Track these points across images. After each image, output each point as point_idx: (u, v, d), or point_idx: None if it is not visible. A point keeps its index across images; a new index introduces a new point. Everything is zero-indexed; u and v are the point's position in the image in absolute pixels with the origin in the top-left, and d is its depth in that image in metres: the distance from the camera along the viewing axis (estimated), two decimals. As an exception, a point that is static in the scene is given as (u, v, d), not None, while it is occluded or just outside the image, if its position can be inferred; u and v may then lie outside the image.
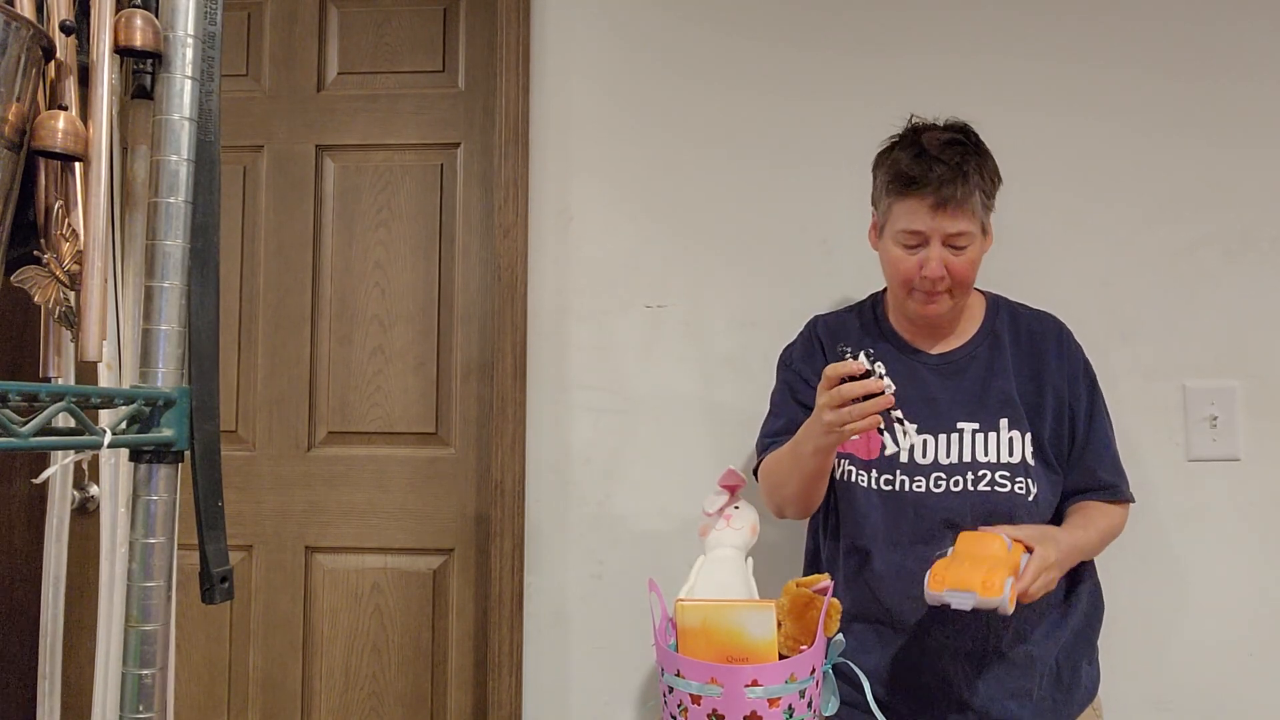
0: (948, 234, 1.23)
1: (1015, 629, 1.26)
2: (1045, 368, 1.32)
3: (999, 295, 1.41)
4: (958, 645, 1.25)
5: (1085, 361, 1.36)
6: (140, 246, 0.77)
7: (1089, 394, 1.33)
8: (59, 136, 0.69)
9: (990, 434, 1.28)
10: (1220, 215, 1.64)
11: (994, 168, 1.29)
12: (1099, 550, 1.33)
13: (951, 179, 1.21)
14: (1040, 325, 1.37)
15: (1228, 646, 1.59)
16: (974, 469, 1.27)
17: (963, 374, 1.32)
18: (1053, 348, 1.34)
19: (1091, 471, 1.32)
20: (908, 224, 1.25)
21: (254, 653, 1.80)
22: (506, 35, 1.74)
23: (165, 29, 0.72)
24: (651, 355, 1.71)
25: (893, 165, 1.27)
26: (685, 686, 1.03)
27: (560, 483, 1.71)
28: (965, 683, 1.25)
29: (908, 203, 1.24)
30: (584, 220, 1.74)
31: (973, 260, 1.26)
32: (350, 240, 1.85)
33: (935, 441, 1.29)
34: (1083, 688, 1.30)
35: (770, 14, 1.73)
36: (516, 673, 1.68)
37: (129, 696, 0.69)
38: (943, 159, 1.22)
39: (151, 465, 0.70)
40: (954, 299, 1.29)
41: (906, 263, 1.26)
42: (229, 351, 1.83)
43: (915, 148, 1.25)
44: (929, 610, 1.25)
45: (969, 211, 1.23)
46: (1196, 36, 1.66)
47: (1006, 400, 1.30)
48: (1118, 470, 1.34)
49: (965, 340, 1.35)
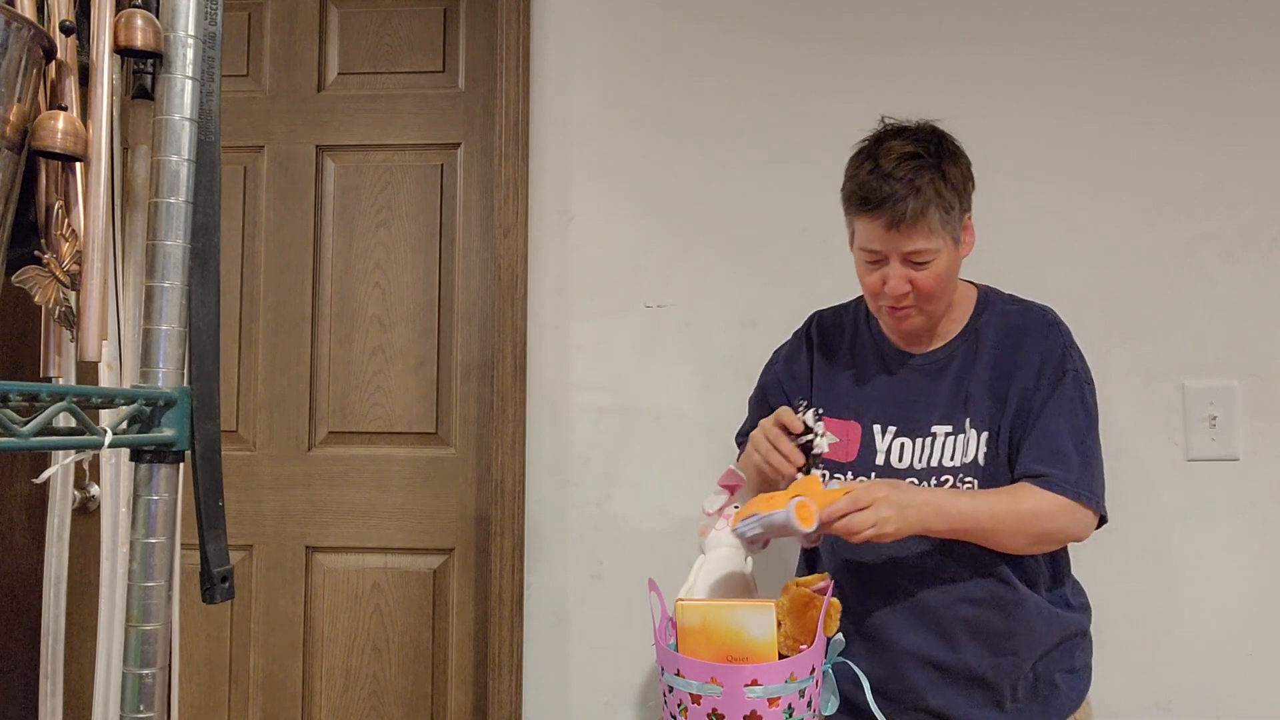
0: (904, 253, 1.20)
1: (984, 639, 1.24)
2: (1016, 361, 1.26)
3: (991, 290, 1.36)
4: (923, 653, 1.25)
5: (1062, 354, 1.26)
6: (140, 246, 0.77)
7: (1052, 384, 1.24)
8: (59, 136, 0.69)
9: (959, 436, 1.26)
10: (1219, 215, 1.64)
11: (960, 175, 1.23)
12: (1011, 532, 1.19)
13: (904, 197, 1.16)
14: (1023, 319, 1.30)
15: (1227, 646, 1.59)
16: (939, 474, 1.25)
17: (943, 375, 1.29)
18: (1028, 340, 1.27)
19: (1025, 460, 1.22)
20: (865, 242, 1.23)
21: (254, 652, 1.80)
22: (506, 35, 1.75)
23: (165, 29, 0.72)
24: (651, 355, 1.71)
25: (850, 180, 1.24)
26: (685, 686, 1.03)
27: (560, 483, 1.71)
28: (931, 689, 1.25)
29: (863, 221, 1.22)
30: (584, 220, 1.74)
31: (939, 274, 1.21)
32: (350, 240, 1.85)
33: (913, 445, 1.27)
34: (1063, 697, 1.28)
35: (770, 13, 1.73)
36: (516, 673, 1.68)
37: (130, 696, 0.69)
38: (896, 176, 1.17)
39: (152, 465, 0.70)
40: (925, 313, 1.25)
41: (870, 278, 1.24)
42: (229, 351, 1.84)
43: (871, 162, 1.21)
44: (898, 617, 1.25)
45: (925, 229, 1.18)
46: (1196, 36, 1.66)
47: (972, 399, 1.26)
48: (1060, 462, 1.21)
49: (947, 340, 1.31)
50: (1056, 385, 1.24)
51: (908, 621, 1.26)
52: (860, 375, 1.35)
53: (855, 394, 1.34)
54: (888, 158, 1.20)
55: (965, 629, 1.24)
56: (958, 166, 1.23)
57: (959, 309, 1.32)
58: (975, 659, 1.24)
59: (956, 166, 1.23)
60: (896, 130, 1.25)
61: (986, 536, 1.19)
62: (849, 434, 1.32)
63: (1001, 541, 1.20)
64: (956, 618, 1.24)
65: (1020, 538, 1.20)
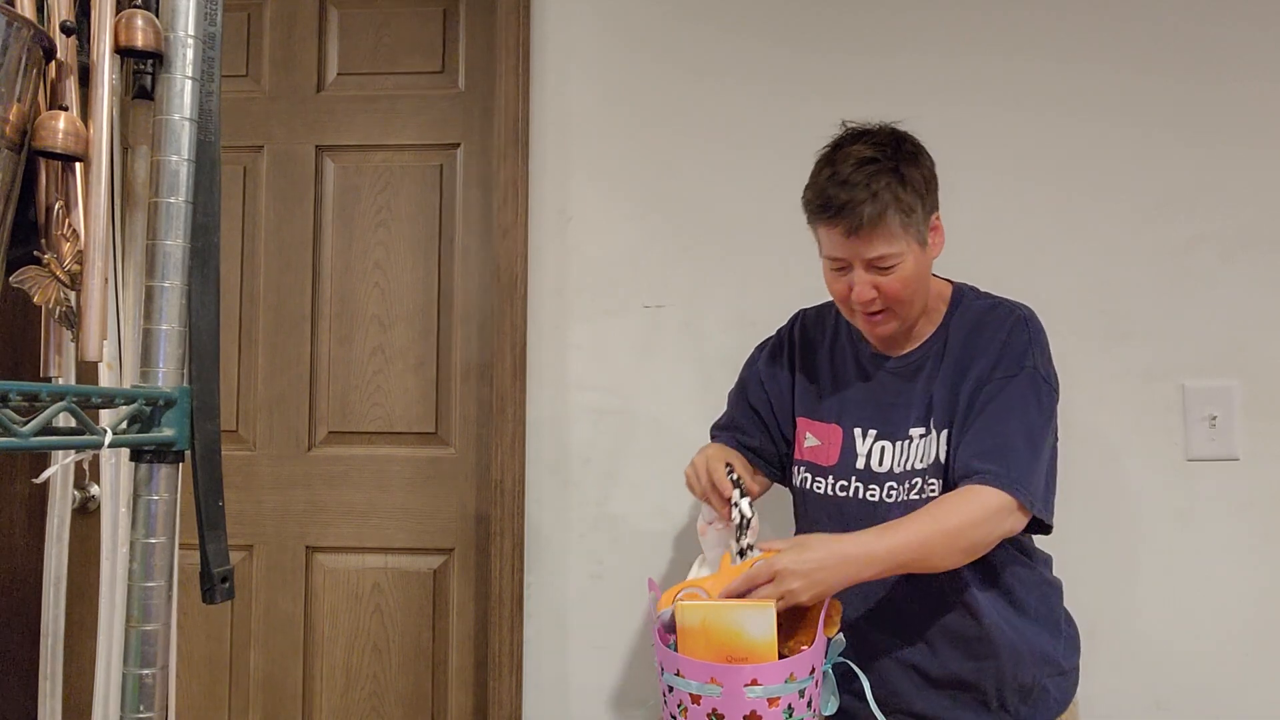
0: (867, 259, 1.18)
1: (963, 646, 1.24)
2: (973, 354, 1.23)
3: (967, 288, 1.33)
4: (905, 658, 1.25)
5: (1023, 350, 1.22)
6: (140, 246, 0.77)
7: (1006, 377, 1.20)
8: (59, 137, 0.69)
9: (929, 437, 1.24)
10: (1218, 214, 1.64)
11: (921, 177, 1.20)
12: (944, 553, 1.13)
13: (861, 203, 1.15)
14: (992, 315, 1.26)
15: (1227, 646, 1.59)
16: (910, 477, 1.24)
17: (916, 378, 1.28)
18: (988, 333, 1.24)
19: (963, 454, 1.18)
20: (829, 250, 1.22)
21: (254, 653, 1.80)
22: (506, 35, 1.75)
23: (166, 29, 0.72)
24: (651, 355, 1.71)
25: (809, 188, 1.22)
26: (685, 686, 1.03)
27: (560, 483, 1.71)
28: (916, 694, 1.25)
29: (824, 229, 1.21)
30: (583, 220, 1.74)
31: (905, 278, 1.19)
32: (350, 240, 1.85)
33: (893, 449, 1.26)
34: (1052, 700, 1.27)
35: (771, 14, 1.73)
36: (516, 673, 1.68)
37: (130, 696, 0.69)
38: (853, 182, 1.16)
39: (152, 465, 0.70)
40: (899, 317, 1.24)
41: (837, 285, 1.23)
42: (229, 351, 1.84)
43: (830, 169, 1.19)
44: (878, 625, 1.25)
45: (885, 234, 1.17)
46: (1196, 36, 1.66)
47: (936, 398, 1.24)
48: (999, 458, 1.15)
49: (921, 343, 1.29)
50: (1010, 379, 1.20)
51: (888, 629, 1.26)
52: (839, 378, 1.34)
53: (835, 397, 1.33)
54: (845, 163, 1.18)
55: (943, 636, 1.24)
56: (918, 168, 1.21)
57: (934, 310, 1.30)
58: (956, 664, 1.24)
59: (916, 168, 1.20)
60: (856, 134, 1.23)
61: (925, 563, 1.14)
62: (830, 438, 1.31)
63: (937, 564, 1.15)
64: (933, 626, 1.24)
65: (954, 555, 1.15)
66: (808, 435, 1.34)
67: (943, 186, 1.31)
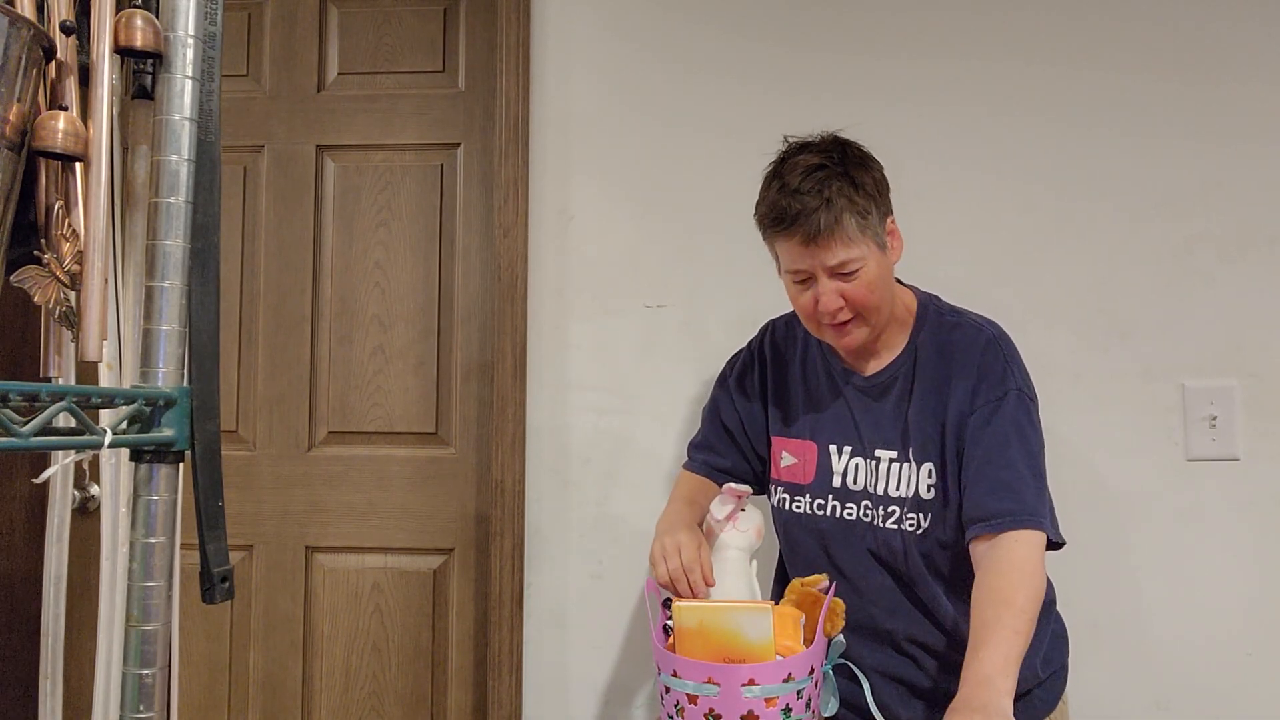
0: (829, 267, 1.17)
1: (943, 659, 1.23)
2: (950, 386, 1.20)
3: (932, 300, 1.30)
4: (887, 670, 1.25)
5: (1002, 373, 1.19)
6: (140, 246, 0.77)
7: (992, 407, 1.17)
8: (59, 136, 0.69)
9: (905, 465, 1.22)
10: (1217, 214, 1.64)
11: (871, 180, 1.19)
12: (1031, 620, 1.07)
13: (816, 209, 1.14)
14: (959, 334, 1.23)
15: (1227, 646, 1.59)
16: (886, 505, 1.23)
17: (885, 398, 1.25)
18: (960, 361, 1.21)
19: (974, 496, 1.15)
20: (789, 263, 1.20)
21: (254, 652, 1.80)
22: (506, 35, 1.75)
23: (165, 29, 0.72)
24: (651, 355, 1.71)
25: (761, 203, 1.21)
26: (682, 686, 1.03)
27: (560, 483, 1.71)
28: (900, 703, 1.25)
29: (781, 242, 1.20)
30: (584, 220, 1.74)
31: (870, 283, 1.18)
32: (350, 240, 1.85)
33: (865, 466, 1.25)
34: (1038, 700, 1.27)
35: (771, 14, 1.73)
36: (516, 673, 1.68)
37: (130, 696, 0.69)
38: (804, 190, 1.15)
39: (152, 465, 0.70)
40: (868, 324, 1.21)
41: (802, 299, 1.22)
42: (229, 351, 1.84)
43: (779, 181, 1.19)
44: (861, 639, 1.24)
45: (843, 238, 1.15)
46: (1195, 37, 1.66)
47: (913, 427, 1.22)
48: (1008, 494, 1.13)
49: (892, 359, 1.27)
50: (997, 408, 1.17)
51: (871, 643, 1.25)
52: (812, 393, 1.33)
53: (808, 413, 1.32)
54: (793, 174, 1.18)
55: (923, 650, 1.24)
56: (867, 172, 1.20)
57: (902, 320, 1.27)
58: (938, 676, 1.24)
59: (866, 172, 1.20)
60: (800, 146, 1.23)
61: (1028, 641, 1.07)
62: (806, 454, 1.30)
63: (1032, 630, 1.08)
64: (912, 640, 1.24)
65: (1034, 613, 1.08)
66: (784, 454, 1.33)
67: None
